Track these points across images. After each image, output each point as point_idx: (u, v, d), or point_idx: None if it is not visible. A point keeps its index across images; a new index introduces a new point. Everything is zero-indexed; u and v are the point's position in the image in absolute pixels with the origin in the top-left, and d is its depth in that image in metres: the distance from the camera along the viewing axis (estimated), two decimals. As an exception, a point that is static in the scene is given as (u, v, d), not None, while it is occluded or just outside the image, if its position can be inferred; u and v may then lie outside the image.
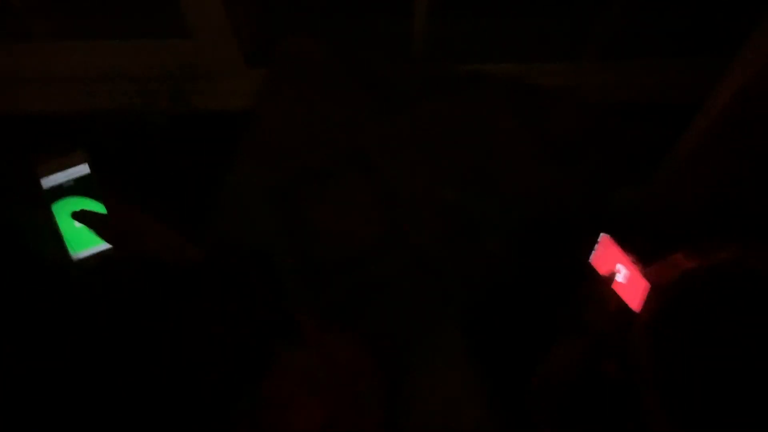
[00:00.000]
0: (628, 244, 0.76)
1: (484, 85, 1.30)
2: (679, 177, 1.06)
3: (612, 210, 1.16)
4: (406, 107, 1.27)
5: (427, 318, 1.07)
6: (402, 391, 0.99)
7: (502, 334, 1.02)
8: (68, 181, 0.82)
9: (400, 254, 1.14)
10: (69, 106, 1.31)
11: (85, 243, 0.81)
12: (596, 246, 0.80)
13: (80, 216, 0.81)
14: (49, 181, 0.82)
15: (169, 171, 1.26)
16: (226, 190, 1.20)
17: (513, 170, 1.22)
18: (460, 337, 1.04)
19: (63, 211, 0.82)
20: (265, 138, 1.24)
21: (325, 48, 1.30)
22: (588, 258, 0.81)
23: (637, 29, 1.34)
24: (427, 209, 1.18)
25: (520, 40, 1.40)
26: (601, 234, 0.78)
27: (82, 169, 0.83)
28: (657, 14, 1.35)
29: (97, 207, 0.82)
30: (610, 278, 0.76)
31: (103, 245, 0.81)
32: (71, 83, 1.31)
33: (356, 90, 1.29)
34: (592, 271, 0.80)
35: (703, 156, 0.98)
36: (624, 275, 0.74)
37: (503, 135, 1.26)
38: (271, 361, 0.80)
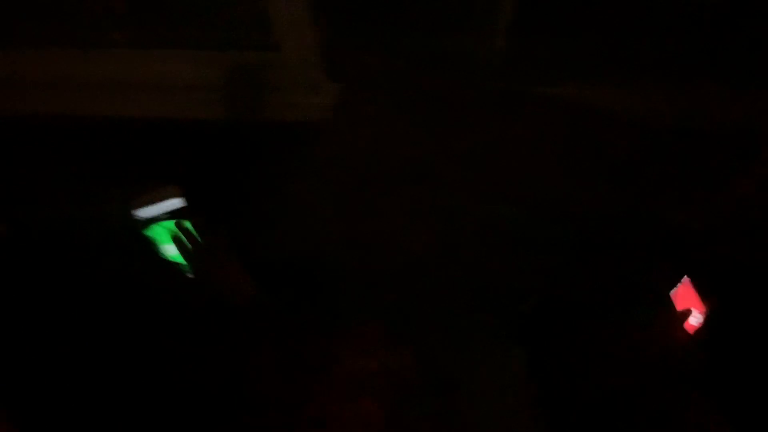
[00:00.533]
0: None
1: (546, 105, 1.32)
2: (747, 204, 1.07)
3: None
4: (468, 124, 1.31)
5: (481, 330, 1.10)
6: (454, 400, 1.02)
7: (557, 348, 1.04)
8: (162, 214, 0.89)
9: (456, 266, 1.18)
10: (155, 113, 1.41)
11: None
12: (678, 285, 0.83)
13: (179, 239, 0.86)
14: (143, 213, 0.88)
15: (244, 178, 1.34)
16: (293, 198, 1.27)
17: (570, 189, 1.24)
18: (515, 351, 1.07)
19: (157, 236, 0.88)
20: (331, 149, 1.31)
21: (396, 64, 1.35)
22: (658, 286, 0.84)
23: (704, 55, 1.34)
24: (483, 224, 1.21)
25: (589, 63, 1.41)
26: (684, 277, 0.81)
27: (175, 203, 0.89)
28: (728, 43, 1.34)
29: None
30: (686, 315, 0.78)
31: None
32: (160, 92, 1.41)
33: (421, 106, 1.33)
34: (671, 304, 0.83)
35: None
36: (697, 319, 0.77)
37: (561, 154, 1.27)
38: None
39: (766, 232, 1.05)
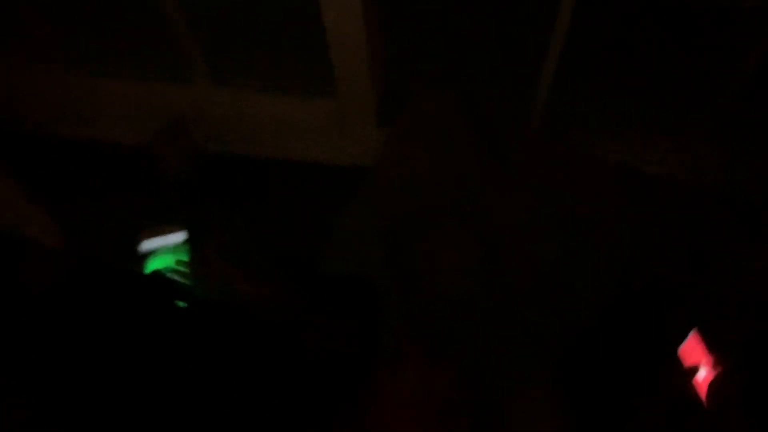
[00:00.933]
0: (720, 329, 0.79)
1: (593, 156, 1.37)
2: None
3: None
4: (516, 166, 1.36)
5: (518, 361, 1.10)
6: (494, 422, 1.01)
7: (591, 383, 1.03)
8: (164, 247, 0.94)
9: (496, 299, 1.19)
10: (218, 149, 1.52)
11: None
12: (687, 339, 0.82)
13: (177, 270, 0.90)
14: (147, 245, 0.94)
15: (294, 215, 1.43)
16: (342, 229, 1.33)
17: (611, 235, 1.26)
18: (551, 383, 1.06)
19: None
20: (380, 183, 1.37)
21: (447, 103, 1.43)
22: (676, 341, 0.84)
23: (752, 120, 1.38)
24: (525, 260, 1.23)
25: (634, 120, 1.48)
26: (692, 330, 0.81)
27: (178, 237, 0.95)
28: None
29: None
30: (693, 371, 0.78)
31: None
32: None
33: (470, 145, 1.39)
34: (677, 361, 0.82)
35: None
36: (706, 373, 0.76)
37: (604, 202, 1.31)
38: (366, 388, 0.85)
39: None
